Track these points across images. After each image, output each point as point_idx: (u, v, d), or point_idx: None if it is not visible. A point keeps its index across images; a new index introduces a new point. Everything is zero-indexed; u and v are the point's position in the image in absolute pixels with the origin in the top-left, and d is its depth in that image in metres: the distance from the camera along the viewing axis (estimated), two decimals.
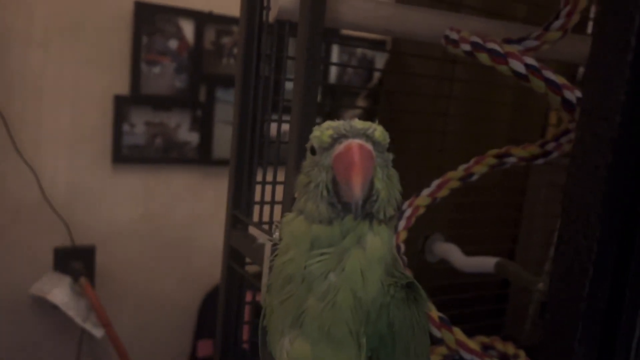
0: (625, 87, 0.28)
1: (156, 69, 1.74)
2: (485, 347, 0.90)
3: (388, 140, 0.42)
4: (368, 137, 0.40)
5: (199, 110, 1.82)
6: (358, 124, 0.41)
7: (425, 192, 0.83)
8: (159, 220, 1.84)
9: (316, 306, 0.41)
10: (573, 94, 0.63)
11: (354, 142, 0.39)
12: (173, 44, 1.75)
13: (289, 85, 0.77)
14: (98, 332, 1.65)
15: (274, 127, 0.81)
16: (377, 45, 2.03)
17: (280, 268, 0.44)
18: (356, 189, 0.38)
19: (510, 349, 0.88)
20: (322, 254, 0.41)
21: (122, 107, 1.71)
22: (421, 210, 0.82)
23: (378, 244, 0.41)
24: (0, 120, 1.55)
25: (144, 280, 1.85)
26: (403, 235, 0.81)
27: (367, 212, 0.40)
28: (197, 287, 1.90)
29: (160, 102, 1.76)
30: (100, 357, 1.79)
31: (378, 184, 0.40)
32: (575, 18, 0.75)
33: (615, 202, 0.30)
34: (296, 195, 0.44)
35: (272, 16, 0.75)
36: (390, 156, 0.43)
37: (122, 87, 1.71)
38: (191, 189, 1.86)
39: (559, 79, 0.63)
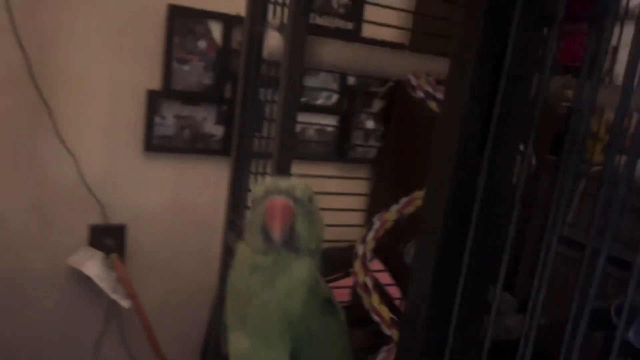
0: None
1: (186, 67, 1.89)
2: None
3: (309, 194, 0.56)
4: (289, 195, 0.54)
5: (224, 105, 1.96)
6: (283, 184, 0.55)
7: (394, 207, 0.96)
8: (184, 205, 2.00)
9: (254, 313, 0.56)
10: None
11: (276, 200, 0.53)
12: (202, 44, 1.89)
13: None
14: (125, 303, 1.82)
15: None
16: (396, 45, 2.13)
17: (232, 282, 0.58)
18: (276, 234, 0.52)
19: None
20: (260, 275, 0.55)
21: (154, 100, 1.87)
22: (389, 224, 0.95)
23: (301, 270, 0.55)
24: (46, 109, 1.73)
25: (169, 258, 2.01)
26: (371, 244, 0.94)
27: (292, 246, 0.54)
28: (216, 266, 2.06)
29: (189, 97, 1.91)
30: (126, 325, 1.98)
31: (298, 228, 0.54)
32: None
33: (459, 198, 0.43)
34: (245, 230, 0.58)
35: (265, 54, 0.89)
36: (314, 206, 0.56)
37: (155, 82, 1.86)
38: (215, 177, 2.00)
39: None
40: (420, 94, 0.79)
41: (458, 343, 0.46)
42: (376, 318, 0.85)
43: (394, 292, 1.30)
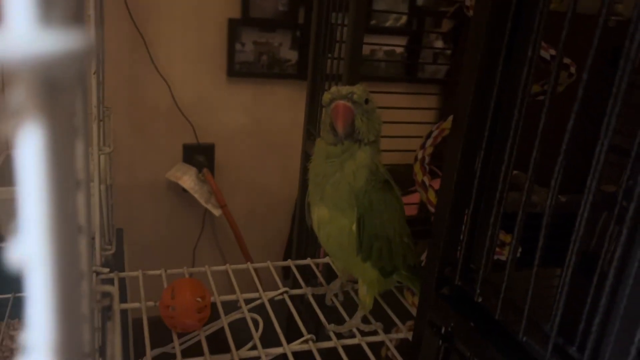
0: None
1: None
2: None
3: (365, 96, 0.70)
4: (349, 98, 0.69)
5: (298, 31, 2.09)
6: (344, 90, 0.70)
7: (450, 117, 1.08)
8: (264, 125, 2.18)
9: (330, 190, 0.73)
10: (547, 52, 0.85)
11: (339, 103, 0.68)
12: None
13: None
14: (216, 212, 2.05)
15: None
16: None
17: (312, 168, 0.75)
18: (339, 129, 0.68)
19: (508, 239, 1.15)
20: (332, 162, 0.72)
21: (234, 28, 2.02)
22: (446, 132, 1.08)
23: (363, 156, 0.71)
24: (141, 40, 1.93)
25: (252, 173, 2.22)
26: (429, 150, 1.08)
27: (355, 139, 0.70)
28: (294, 181, 2.26)
29: (266, 24, 2.05)
30: (218, 230, 2.24)
31: (358, 124, 0.70)
32: None
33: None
34: (321, 129, 0.74)
35: None
36: (370, 106, 0.71)
37: (235, 11, 2.00)
38: (290, 99, 2.17)
39: None
40: (472, 13, 0.89)
41: (481, 212, 0.61)
42: (432, 209, 1.01)
43: None
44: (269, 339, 0.78)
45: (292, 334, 0.81)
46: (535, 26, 0.50)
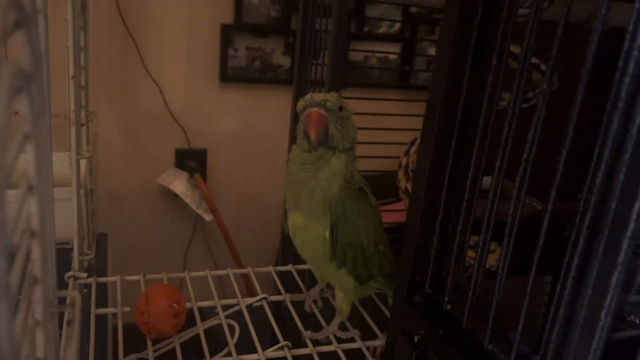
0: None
1: (255, 1, 2.03)
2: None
3: (339, 104, 0.70)
4: (322, 106, 0.69)
5: (290, 36, 2.10)
6: (317, 97, 0.70)
7: None
8: (256, 131, 2.17)
9: (305, 197, 0.73)
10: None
11: (311, 110, 0.68)
12: None
13: None
14: (208, 217, 2.03)
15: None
16: None
17: (288, 175, 0.75)
18: (312, 136, 0.68)
19: (492, 246, 1.14)
20: (307, 168, 0.71)
21: (227, 34, 2.03)
22: None
23: (337, 164, 0.71)
24: (133, 45, 1.94)
25: (244, 178, 2.21)
26: (413, 157, 1.08)
27: (329, 146, 0.70)
28: None
29: (259, 30, 2.05)
30: (209, 235, 2.23)
31: (332, 131, 0.70)
32: None
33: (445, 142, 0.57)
34: (297, 136, 0.74)
35: None
36: (344, 113, 0.71)
37: (228, 17, 2.01)
38: (283, 105, 2.15)
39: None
40: None
41: (453, 219, 0.61)
42: None
43: None
44: (249, 346, 0.78)
45: (276, 341, 0.80)
46: (499, 34, 0.50)
